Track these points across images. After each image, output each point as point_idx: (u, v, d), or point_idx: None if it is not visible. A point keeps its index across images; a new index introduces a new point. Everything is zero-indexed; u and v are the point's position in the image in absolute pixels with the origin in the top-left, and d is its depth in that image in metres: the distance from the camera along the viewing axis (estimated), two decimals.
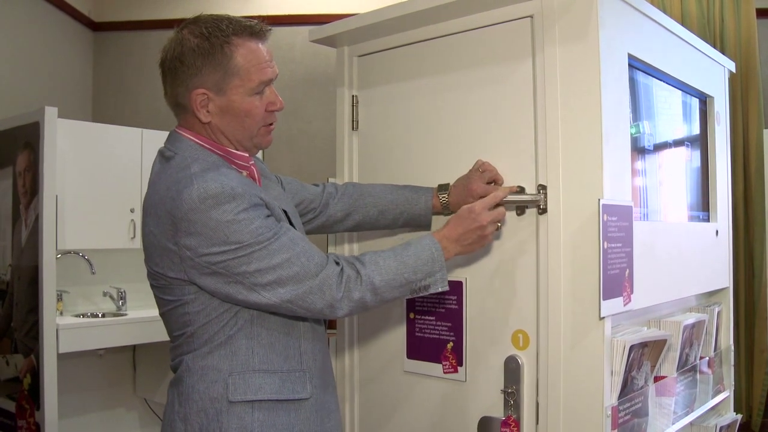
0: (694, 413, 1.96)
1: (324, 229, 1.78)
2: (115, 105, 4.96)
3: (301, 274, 1.32)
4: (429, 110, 1.82)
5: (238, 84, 1.37)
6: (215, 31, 1.35)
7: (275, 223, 1.35)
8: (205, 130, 1.41)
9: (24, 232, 3.27)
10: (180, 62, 1.36)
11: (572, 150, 1.55)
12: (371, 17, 1.85)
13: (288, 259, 1.31)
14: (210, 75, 1.35)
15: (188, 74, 1.36)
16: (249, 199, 1.30)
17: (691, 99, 2.15)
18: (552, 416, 1.56)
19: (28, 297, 3.21)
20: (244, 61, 1.37)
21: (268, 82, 1.41)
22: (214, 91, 1.36)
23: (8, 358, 3.38)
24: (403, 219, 1.75)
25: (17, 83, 3.99)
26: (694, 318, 1.91)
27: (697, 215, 2.17)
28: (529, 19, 1.62)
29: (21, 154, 3.30)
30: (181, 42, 1.36)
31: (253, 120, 1.40)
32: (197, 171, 1.32)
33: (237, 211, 1.28)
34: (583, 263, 1.51)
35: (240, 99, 1.37)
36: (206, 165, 1.35)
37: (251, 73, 1.37)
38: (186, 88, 1.37)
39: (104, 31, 5.01)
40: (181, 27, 1.39)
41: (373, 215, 1.75)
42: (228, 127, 1.40)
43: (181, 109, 1.41)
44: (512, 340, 1.64)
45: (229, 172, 1.36)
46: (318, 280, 1.32)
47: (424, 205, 1.73)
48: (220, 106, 1.38)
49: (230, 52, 1.35)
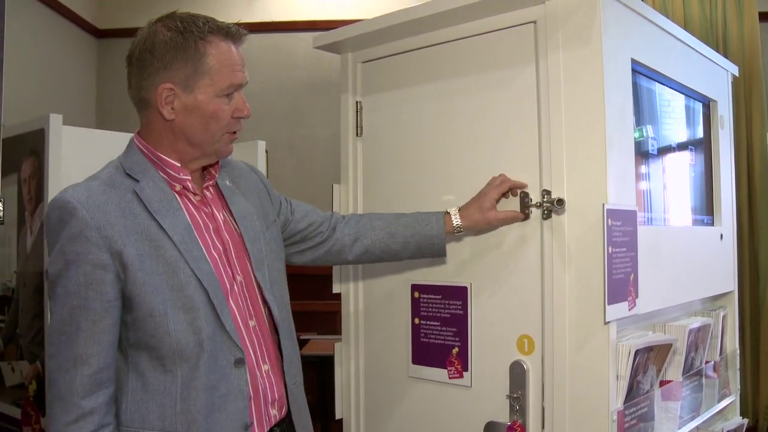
0: (700, 417, 1.96)
1: (332, 256, 1.69)
2: (119, 111, 4.97)
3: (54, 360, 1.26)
4: (433, 116, 1.83)
5: (207, 83, 1.32)
6: (191, 27, 1.31)
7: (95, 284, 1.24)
8: (165, 129, 1.35)
9: (29, 238, 3.28)
10: (150, 54, 1.30)
11: (576, 155, 1.55)
12: (375, 24, 1.86)
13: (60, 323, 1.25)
14: (179, 70, 1.30)
15: (157, 67, 1.30)
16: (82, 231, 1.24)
17: (694, 103, 2.15)
18: (558, 421, 1.56)
19: (34, 303, 3.21)
20: (216, 61, 1.32)
21: (238, 86, 1.36)
22: (182, 87, 1.31)
23: (14, 364, 3.39)
24: (414, 242, 1.66)
25: (22, 90, 4.01)
26: (699, 322, 1.90)
27: (701, 219, 2.17)
28: (533, 25, 1.63)
29: (26, 161, 3.31)
30: (153, 34, 1.31)
31: (217, 123, 1.35)
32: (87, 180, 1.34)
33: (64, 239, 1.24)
34: (588, 268, 1.51)
35: (207, 99, 1.32)
36: (107, 172, 1.35)
37: (222, 74, 1.32)
38: (152, 82, 1.31)
39: (108, 38, 5.04)
40: (155, 20, 1.34)
41: (382, 238, 1.67)
42: (190, 127, 1.34)
43: (144, 104, 1.35)
44: (517, 345, 1.64)
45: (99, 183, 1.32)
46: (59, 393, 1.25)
47: (435, 224, 1.65)
48: (185, 104, 1.32)
49: (204, 49, 1.31)
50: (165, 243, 1.29)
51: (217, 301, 1.31)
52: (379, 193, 1.95)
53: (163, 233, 1.29)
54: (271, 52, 4.91)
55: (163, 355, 1.28)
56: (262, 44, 4.93)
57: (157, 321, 1.27)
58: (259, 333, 1.41)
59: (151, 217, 1.30)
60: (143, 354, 1.29)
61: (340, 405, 2.02)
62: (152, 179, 1.34)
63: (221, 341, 1.32)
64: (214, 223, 1.40)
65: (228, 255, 1.40)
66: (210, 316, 1.30)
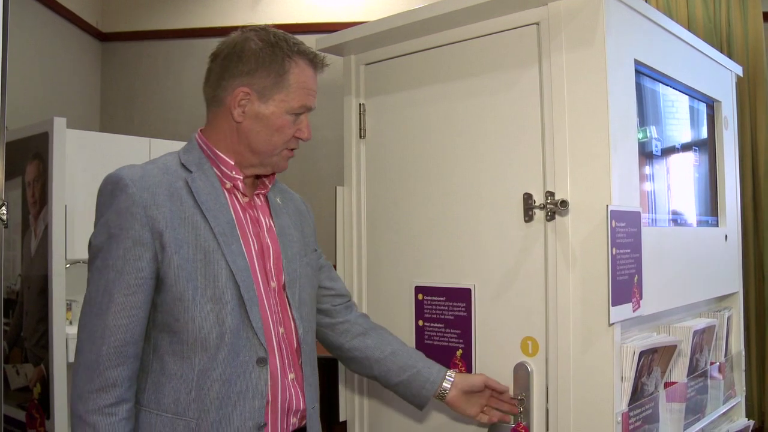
0: (705, 419, 1.95)
1: (334, 337, 1.65)
2: (123, 115, 5.00)
3: (85, 331, 1.29)
4: (436, 118, 1.83)
5: (282, 98, 1.39)
6: (281, 43, 1.39)
7: (133, 260, 1.28)
8: (231, 129, 1.41)
9: (33, 242, 3.29)
10: (237, 57, 1.38)
11: (580, 156, 1.55)
12: (378, 26, 1.86)
13: (95, 294, 1.29)
14: (261, 79, 1.38)
15: (240, 70, 1.38)
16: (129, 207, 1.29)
17: (698, 104, 2.15)
18: (562, 423, 1.55)
19: (38, 306, 3.22)
20: (296, 81, 1.40)
21: (307, 109, 1.44)
22: (258, 95, 1.39)
23: (18, 367, 3.40)
24: (409, 374, 1.60)
25: (26, 94, 4.02)
26: (704, 323, 1.90)
27: (705, 220, 2.16)
28: (536, 26, 1.63)
29: (30, 165, 3.32)
30: (245, 40, 1.40)
31: (280, 137, 1.42)
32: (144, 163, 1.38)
33: (110, 209, 1.30)
34: (592, 269, 1.51)
35: (278, 113, 1.40)
36: (165, 160, 1.40)
37: (298, 93, 1.40)
38: (232, 83, 1.39)
39: (112, 42, 5.05)
40: (248, 28, 1.42)
41: (387, 350, 1.62)
42: (255, 134, 1.40)
43: (217, 102, 1.42)
44: (521, 347, 1.64)
45: (159, 163, 1.38)
46: (86, 361, 1.28)
47: (437, 373, 1.61)
48: (256, 112, 1.39)
49: (288, 66, 1.39)
50: (205, 233, 1.33)
51: (248, 297, 1.34)
52: (382, 195, 1.95)
53: (205, 223, 1.34)
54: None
55: (184, 340, 1.31)
56: None
57: (184, 306, 1.30)
58: (287, 342, 1.43)
59: (197, 207, 1.35)
60: (165, 337, 1.33)
61: (345, 407, 2.02)
62: (205, 173, 1.40)
63: (246, 337, 1.34)
64: (257, 226, 1.44)
65: (266, 259, 1.43)
66: (237, 310, 1.33)
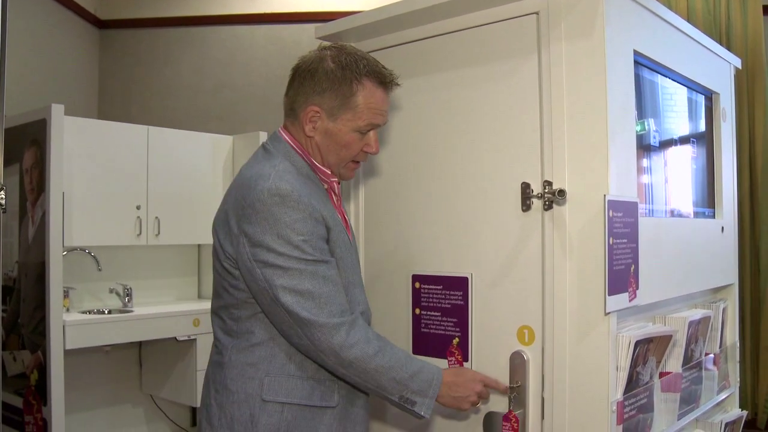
0: (699, 409, 1.96)
1: None
2: (121, 102, 4.98)
3: (313, 313, 1.37)
4: (435, 107, 1.83)
5: (349, 118, 1.47)
6: (352, 65, 1.46)
7: (324, 250, 1.42)
8: (307, 141, 1.51)
9: (31, 228, 3.29)
10: (311, 77, 1.47)
11: (578, 146, 1.55)
12: (377, 14, 1.86)
13: (311, 292, 1.37)
14: (330, 99, 1.46)
15: (312, 90, 1.47)
16: (311, 213, 1.39)
17: (697, 95, 2.15)
18: (557, 411, 1.56)
19: (35, 293, 3.23)
20: (363, 102, 1.47)
21: (375, 126, 1.51)
22: (327, 113, 1.47)
23: (16, 354, 3.40)
24: None
25: (24, 81, 4.01)
26: (699, 314, 1.91)
27: (702, 212, 2.17)
28: (535, 16, 1.63)
29: (28, 151, 3.32)
30: (320, 60, 1.48)
31: (347, 152, 1.51)
32: (281, 170, 1.43)
33: (295, 219, 1.37)
34: (589, 259, 1.52)
35: (345, 131, 1.48)
36: (291, 167, 1.46)
37: (365, 114, 1.48)
38: (305, 100, 1.48)
39: (110, 29, 5.03)
40: (327, 47, 1.51)
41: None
42: (325, 148, 1.50)
43: (292, 114, 1.52)
44: (518, 336, 1.65)
45: (308, 183, 1.46)
46: (324, 324, 1.37)
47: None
48: (325, 129, 1.48)
49: (355, 89, 1.46)
50: (342, 229, 1.50)
51: (364, 281, 1.58)
52: (380, 184, 1.95)
53: (340, 221, 1.50)
54: (275, 43, 4.90)
55: None
56: (265, 35, 4.92)
57: None
58: None
59: (333, 207, 1.51)
60: None
61: None
62: (315, 182, 1.51)
63: (366, 320, 1.53)
64: (345, 223, 1.57)
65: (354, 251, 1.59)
66: (363, 295, 1.56)
